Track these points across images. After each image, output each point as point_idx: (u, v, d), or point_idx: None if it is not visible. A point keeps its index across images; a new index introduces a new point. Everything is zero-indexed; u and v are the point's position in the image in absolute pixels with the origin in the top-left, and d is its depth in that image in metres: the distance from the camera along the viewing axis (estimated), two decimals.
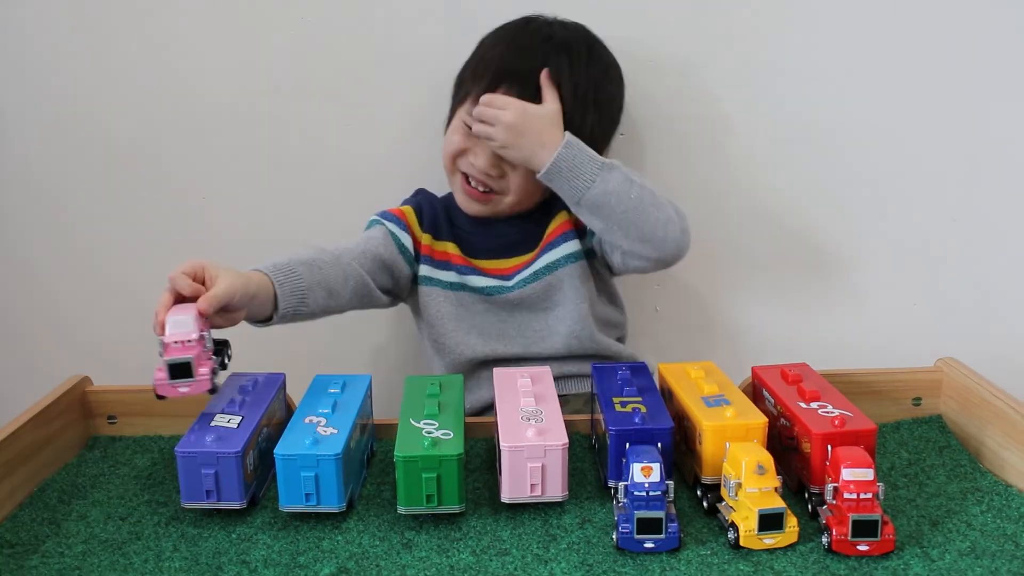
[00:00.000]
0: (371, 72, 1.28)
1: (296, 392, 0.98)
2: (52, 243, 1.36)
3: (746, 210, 1.34)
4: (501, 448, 0.82)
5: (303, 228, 1.34)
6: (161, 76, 1.28)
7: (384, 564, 0.78)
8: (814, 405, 0.88)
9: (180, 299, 0.90)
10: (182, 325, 0.86)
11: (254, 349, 1.39)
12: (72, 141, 1.31)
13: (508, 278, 1.20)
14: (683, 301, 1.38)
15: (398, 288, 1.20)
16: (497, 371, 0.99)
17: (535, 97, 1.09)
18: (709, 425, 0.84)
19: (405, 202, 1.25)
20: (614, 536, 0.79)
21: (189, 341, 0.85)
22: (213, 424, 0.87)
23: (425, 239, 1.20)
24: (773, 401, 0.93)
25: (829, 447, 0.82)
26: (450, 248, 1.21)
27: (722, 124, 1.31)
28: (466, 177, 1.16)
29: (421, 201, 1.24)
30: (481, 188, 1.16)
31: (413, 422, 0.86)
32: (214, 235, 1.35)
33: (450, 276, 1.20)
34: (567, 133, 1.07)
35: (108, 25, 1.26)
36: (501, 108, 1.07)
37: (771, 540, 0.78)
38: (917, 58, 1.28)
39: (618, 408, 0.88)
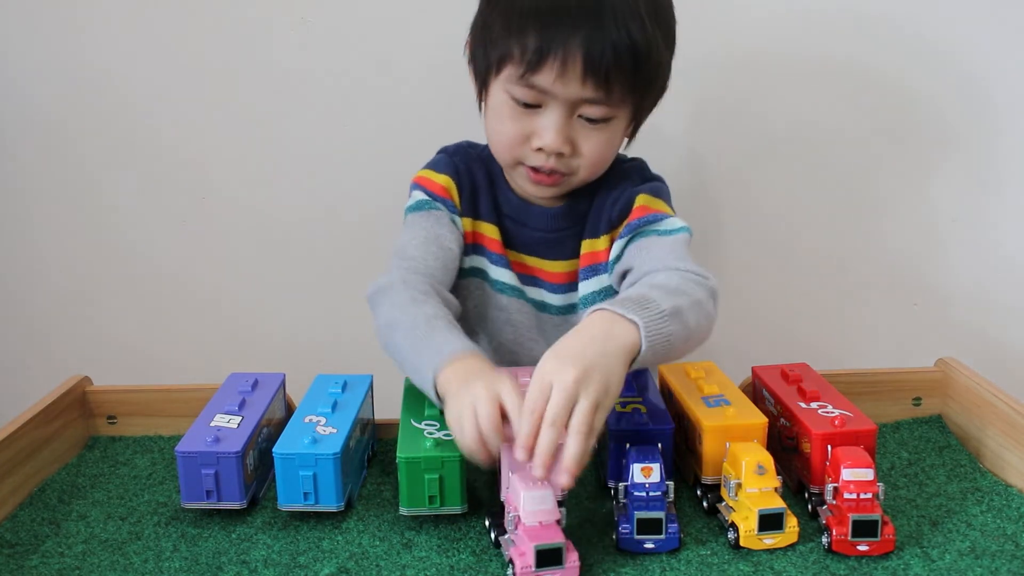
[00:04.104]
0: (371, 73, 1.28)
1: (296, 392, 0.98)
2: (52, 243, 1.36)
3: (746, 209, 1.34)
4: (501, 448, 0.82)
5: (303, 228, 1.34)
6: (159, 76, 1.28)
7: (384, 564, 0.78)
8: (814, 405, 0.88)
9: None
10: (542, 501, 0.74)
11: (255, 349, 1.40)
12: (71, 141, 1.31)
13: (556, 289, 1.04)
14: None
15: None
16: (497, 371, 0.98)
17: (595, 44, 0.85)
18: (709, 425, 0.84)
19: (443, 164, 1.03)
20: (614, 536, 0.79)
21: (551, 520, 0.74)
22: (213, 424, 0.87)
23: (466, 223, 1.02)
24: (773, 401, 0.93)
25: (829, 447, 0.82)
26: (488, 231, 1.02)
27: (719, 123, 1.31)
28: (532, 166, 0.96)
29: (460, 168, 1.02)
30: (548, 171, 0.94)
31: (414, 423, 0.86)
32: (213, 235, 1.35)
33: (479, 262, 1.04)
34: (628, 319, 0.79)
35: (109, 23, 1.26)
36: (548, 387, 0.75)
37: (771, 540, 0.78)
38: (917, 57, 1.28)
39: (618, 408, 0.88)
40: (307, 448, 0.82)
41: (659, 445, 0.83)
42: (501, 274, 1.03)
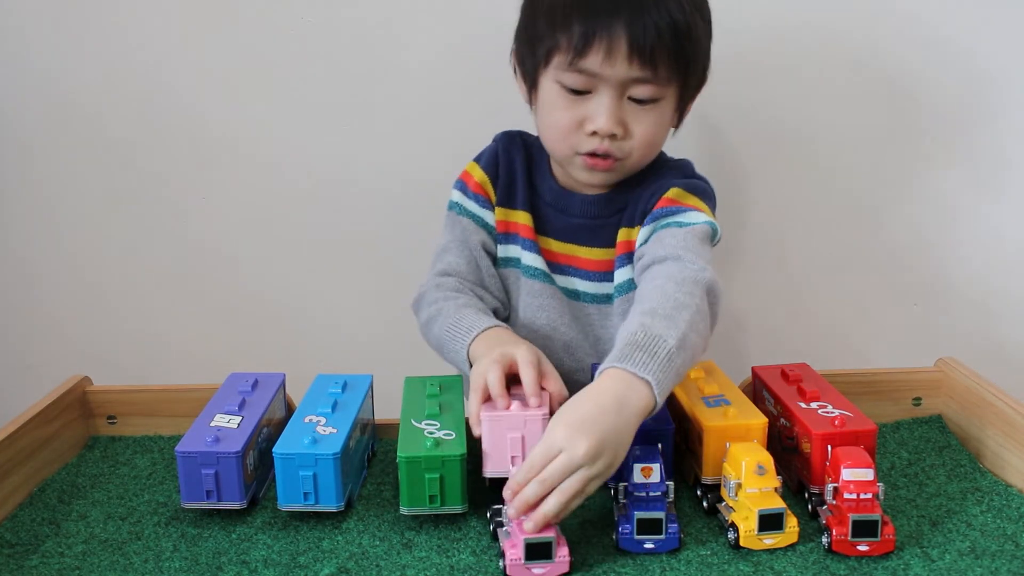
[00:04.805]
0: (371, 73, 1.28)
1: (296, 392, 0.98)
2: (52, 242, 1.36)
3: (745, 209, 1.34)
4: (481, 418, 0.82)
5: (303, 228, 1.34)
6: (159, 75, 1.28)
7: (384, 564, 0.78)
8: (814, 405, 0.88)
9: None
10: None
11: (255, 349, 1.40)
12: (71, 140, 1.31)
13: (590, 277, 1.05)
14: None
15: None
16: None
17: (637, 25, 0.89)
18: (709, 425, 0.84)
19: (487, 155, 1.07)
20: (614, 536, 0.79)
21: None
22: (213, 424, 0.87)
23: (499, 213, 1.06)
24: (773, 401, 0.93)
25: (829, 447, 0.82)
26: (521, 219, 1.05)
27: (718, 122, 1.31)
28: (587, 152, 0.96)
29: (500, 157, 1.05)
30: (603, 154, 0.95)
31: (415, 423, 0.86)
32: (214, 234, 1.35)
33: (512, 251, 1.06)
34: (641, 378, 0.79)
35: (107, 24, 1.26)
36: (555, 452, 0.76)
37: (771, 540, 0.78)
38: (918, 57, 1.28)
39: None
40: (307, 448, 0.82)
41: (659, 445, 0.83)
42: (532, 259, 1.05)
